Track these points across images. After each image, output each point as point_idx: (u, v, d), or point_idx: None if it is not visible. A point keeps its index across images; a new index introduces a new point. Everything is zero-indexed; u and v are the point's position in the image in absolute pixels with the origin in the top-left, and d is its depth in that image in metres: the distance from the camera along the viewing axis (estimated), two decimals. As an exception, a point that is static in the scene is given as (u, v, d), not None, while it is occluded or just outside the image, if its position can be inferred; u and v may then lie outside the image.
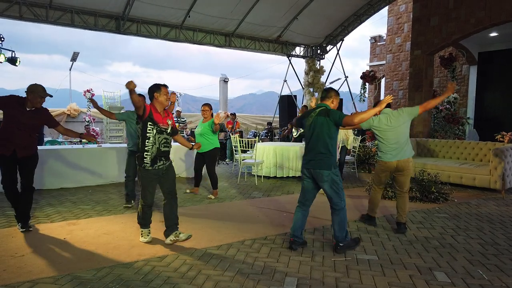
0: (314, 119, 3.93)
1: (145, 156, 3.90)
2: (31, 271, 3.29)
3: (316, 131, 3.89)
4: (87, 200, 6.15)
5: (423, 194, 6.39)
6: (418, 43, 11.00)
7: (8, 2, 8.93)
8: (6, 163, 4.29)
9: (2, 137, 4.23)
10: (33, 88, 4.32)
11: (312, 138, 3.92)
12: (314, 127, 3.91)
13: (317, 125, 3.89)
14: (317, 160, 3.85)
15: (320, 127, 3.86)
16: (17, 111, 4.24)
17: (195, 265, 3.50)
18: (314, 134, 3.90)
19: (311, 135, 3.94)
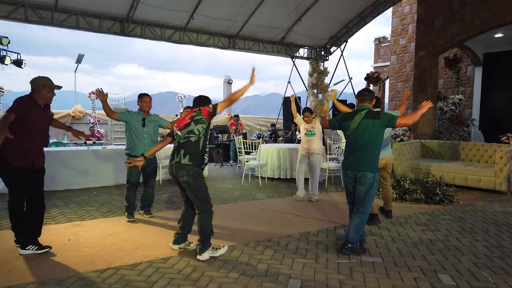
0: (361, 122, 3.93)
1: (205, 158, 3.81)
2: (36, 272, 3.30)
3: (365, 133, 3.91)
4: (91, 202, 6.18)
5: (428, 196, 6.35)
6: (422, 44, 10.97)
7: (14, 4, 9.00)
8: (24, 177, 3.73)
9: (20, 148, 3.65)
10: (44, 82, 3.80)
11: (360, 141, 3.94)
12: (361, 130, 3.93)
13: (366, 127, 3.91)
14: (364, 162, 3.91)
15: (370, 130, 3.90)
16: (35, 113, 3.76)
17: (199, 266, 3.50)
18: (362, 136, 3.92)
19: (358, 138, 3.94)
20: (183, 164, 3.66)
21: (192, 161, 3.66)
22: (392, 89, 16.71)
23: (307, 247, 4.11)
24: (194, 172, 3.67)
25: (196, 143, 3.72)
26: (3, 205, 5.79)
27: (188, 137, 3.73)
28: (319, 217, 5.38)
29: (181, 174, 3.67)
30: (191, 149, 3.70)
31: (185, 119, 3.87)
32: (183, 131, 3.79)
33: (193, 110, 3.91)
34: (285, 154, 8.40)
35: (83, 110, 16.06)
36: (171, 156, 3.83)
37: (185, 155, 3.68)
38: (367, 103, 4.13)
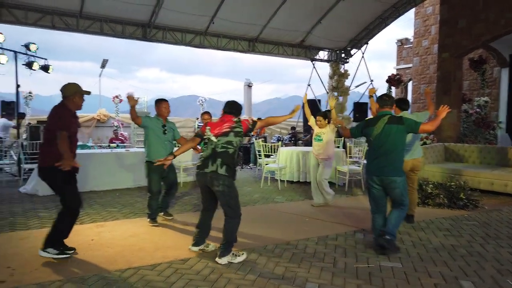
0: (384, 128, 3.95)
1: (236, 168, 3.84)
2: (61, 270, 3.42)
3: (388, 139, 3.93)
4: (114, 203, 6.33)
5: (451, 200, 6.21)
6: (445, 45, 10.76)
7: (41, 12, 9.35)
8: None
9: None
10: (76, 88, 3.83)
11: (384, 146, 3.95)
12: (385, 135, 3.95)
13: (390, 133, 3.94)
14: (390, 167, 3.93)
15: (394, 135, 3.93)
16: (72, 121, 3.82)
17: (217, 268, 3.54)
18: (386, 142, 3.94)
19: (382, 144, 3.96)
20: (220, 174, 3.65)
21: (228, 172, 3.67)
22: (415, 91, 16.43)
23: (325, 251, 4.09)
24: (229, 182, 3.69)
25: (232, 155, 3.75)
26: (30, 206, 6.02)
27: (226, 148, 3.71)
28: (338, 221, 5.35)
29: (216, 183, 3.66)
30: (228, 160, 3.69)
31: (221, 125, 3.80)
32: (220, 138, 3.75)
33: (231, 118, 3.86)
34: (304, 157, 8.38)
35: (107, 113, 16.48)
36: (203, 163, 3.76)
37: (222, 165, 3.66)
38: (387, 108, 4.15)
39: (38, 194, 6.88)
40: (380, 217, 4.14)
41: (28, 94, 15.39)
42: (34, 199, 6.60)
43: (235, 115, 3.92)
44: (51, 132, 3.67)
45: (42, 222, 5.10)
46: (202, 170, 3.74)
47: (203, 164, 3.76)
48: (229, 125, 3.79)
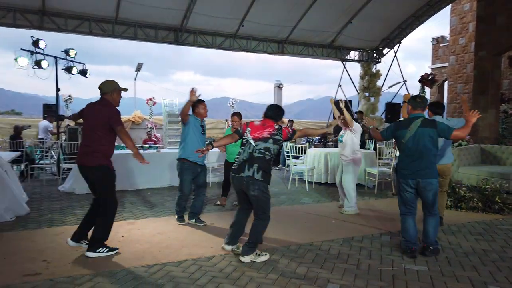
0: (417, 131, 3.94)
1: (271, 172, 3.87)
2: (92, 264, 3.60)
3: (422, 142, 3.93)
4: (145, 202, 6.54)
5: (486, 204, 5.98)
6: (483, 43, 10.36)
7: (80, 19, 9.82)
8: None
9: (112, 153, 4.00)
10: (115, 85, 3.92)
11: (418, 149, 3.94)
12: (418, 138, 3.94)
13: (423, 136, 3.93)
14: (427, 170, 3.93)
15: (427, 138, 3.93)
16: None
17: (240, 266, 3.61)
18: (420, 145, 3.93)
19: (416, 147, 3.95)
20: (256, 179, 3.68)
21: (264, 178, 3.71)
22: (451, 91, 15.86)
23: (349, 252, 4.07)
24: (264, 187, 3.73)
25: (269, 161, 3.77)
26: (67, 203, 6.33)
27: (263, 154, 3.73)
28: (365, 223, 5.29)
29: (252, 188, 3.69)
30: (264, 166, 3.72)
31: (262, 130, 3.80)
32: (258, 143, 3.76)
33: (273, 124, 3.85)
34: (333, 159, 8.31)
35: (142, 115, 17.01)
36: (239, 167, 3.77)
37: (258, 171, 3.68)
38: (420, 110, 4.11)
39: (75, 192, 7.23)
40: (411, 219, 4.09)
41: (68, 97, 16.18)
42: (71, 197, 6.94)
43: (275, 120, 3.90)
44: (100, 130, 3.77)
45: (78, 218, 5.34)
46: (238, 174, 3.76)
47: (239, 168, 3.77)
48: (270, 131, 3.79)
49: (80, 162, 3.89)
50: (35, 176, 9.22)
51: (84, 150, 3.87)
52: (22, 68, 8.85)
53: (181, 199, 5.10)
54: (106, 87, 3.87)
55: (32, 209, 5.86)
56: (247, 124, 3.96)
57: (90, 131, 3.82)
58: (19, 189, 5.90)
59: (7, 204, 5.20)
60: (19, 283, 3.20)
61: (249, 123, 3.97)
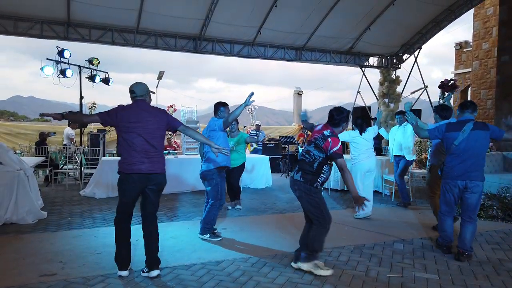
0: (470, 133, 4.01)
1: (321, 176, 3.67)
2: (105, 267, 3.72)
3: (475, 144, 4.03)
4: (161, 207, 6.60)
5: (506, 213, 5.83)
6: (506, 48, 10.11)
7: (103, 29, 10.18)
8: None
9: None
10: (147, 87, 3.69)
11: (469, 151, 4.03)
12: (471, 140, 4.03)
13: (477, 138, 4.03)
14: (476, 172, 4.05)
15: (480, 140, 4.04)
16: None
17: (248, 271, 3.65)
18: (473, 147, 4.03)
19: (468, 149, 4.03)
20: (295, 179, 3.70)
21: (303, 179, 3.64)
22: (475, 97, 15.50)
23: (359, 259, 4.05)
24: (305, 188, 3.63)
25: (310, 164, 3.65)
26: (87, 207, 6.54)
27: (304, 156, 3.72)
28: (378, 230, 5.23)
29: (293, 188, 3.74)
30: (304, 167, 3.68)
31: (314, 133, 3.78)
32: (305, 146, 3.79)
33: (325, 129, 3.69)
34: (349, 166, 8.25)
35: (163, 122, 17.35)
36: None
37: (298, 171, 3.70)
38: (471, 113, 4.21)
39: (95, 197, 7.45)
40: (450, 219, 4.29)
41: (92, 104, 16.71)
42: (92, 201, 7.16)
43: (332, 125, 3.75)
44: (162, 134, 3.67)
45: (95, 221, 5.54)
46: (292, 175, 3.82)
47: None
48: (316, 136, 3.69)
49: (149, 170, 3.54)
50: (59, 181, 9.55)
51: (150, 157, 3.54)
52: (48, 77, 9.22)
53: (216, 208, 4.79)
54: (141, 90, 3.61)
55: (54, 212, 6.09)
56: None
57: (150, 136, 3.52)
58: (36, 195, 6.12)
59: (29, 207, 5.43)
60: (35, 283, 3.34)
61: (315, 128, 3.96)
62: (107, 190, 7.62)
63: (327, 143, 3.54)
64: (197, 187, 8.10)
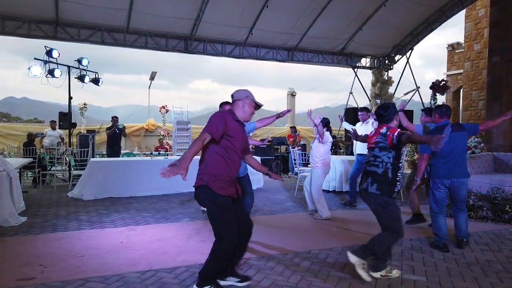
0: (450, 136, 4.18)
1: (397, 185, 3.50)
2: (86, 270, 3.62)
3: (455, 146, 4.34)
4: (150, 208, 6.59)
5: (496, 213, 5.80)
6: (497, 49, 10.12)
7: (92, 29, 10.07)
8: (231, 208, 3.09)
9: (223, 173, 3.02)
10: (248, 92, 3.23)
11: (453, 152, 4.34)
12: (453, 142, 4.30)
13: (456, 140, 4.33)
14: (460, 170, 4.37)
15: (460, 141, 4.38)
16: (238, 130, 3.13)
17: (233, 274, 3.57)
18: (453, 148, 4.32)
19: (451, 150, 4.32)
20: (370, 193, 3.47)
21: (380, 191, 3.43)
22: (467, 98, 15.54)
23: (347, 261, 3.97)
24: (382, 200, 3.45)
25: (385, 174, 3.44)
26: (74, 209, 6.42)
27: (374, 165, 3.48)
28: (368, 231, 5.15)
29: (368, 202, 3.55)
30: (379, 178, 3.44)
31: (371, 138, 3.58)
32: (369, 152, 3.59)
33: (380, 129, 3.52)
34: (341, 166, 8.23)
35: (155, 123, 17.25)
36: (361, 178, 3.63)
37: (372, 184, 3.46)
38: (446, 118, 4.49)
39: (83, 198, 7.34)
40: (442, 217, 4.45)
41: (83, 105, 16.54)
42: (79, 203, 7.05)
43: (385, 123, 3.58)
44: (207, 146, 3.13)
45: (81, 223, 5.43)
46: (360, 185, 3.62)
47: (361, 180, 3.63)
48: (375, 140, 3.53)
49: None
50: (47, 182, 9.41)
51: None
52: (36, 77, 9.09)
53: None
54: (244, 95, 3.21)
55: (39, 214, 5.98)
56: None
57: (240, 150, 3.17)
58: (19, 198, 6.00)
59: (12, 209, 5.31)
60: (12, 287, 3.24)
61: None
62: (95, 192, 7.52)
63: (389, 137, 3.39)
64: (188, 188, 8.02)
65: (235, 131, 3.04)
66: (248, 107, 3.17)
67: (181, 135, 11.82)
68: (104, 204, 6.90)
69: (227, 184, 3.03)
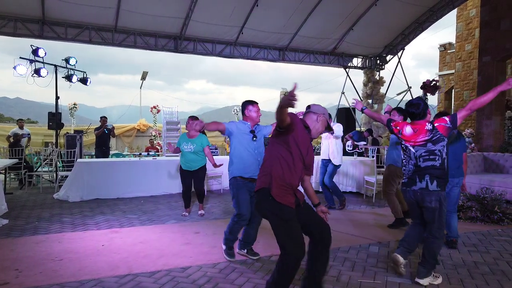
0: None
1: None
2: (62, 275, 3.51)
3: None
4: (136, 210, 6.47)
5: (485, 214, 5.76)
6: (487, 49, 10.15)
7: (79, 28, 9.91)
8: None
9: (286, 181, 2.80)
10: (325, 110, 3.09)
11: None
12: None
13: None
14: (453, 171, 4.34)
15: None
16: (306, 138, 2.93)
17: (214, 277, 3.48)
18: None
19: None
20: (431, 191, 3.38)
21: (440, 187, 3.39)
22: (458, 98, 15.59)
23: (332, 263, 3.91)
24: (442, 196, 3.40)
25: (441, 165, 3.39)
26: (58, 211, 6.29)
27: (430, 159, 3.40)
28: (356, 233, 5.11)
29: (428, 200, 3.39)
30: (437, 173, 3.38)
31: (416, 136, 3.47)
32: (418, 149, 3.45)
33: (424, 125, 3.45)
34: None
35: (147, 123, 17.11)
36: (409, 180, 3.51)
37: (432, 181, 3.38)
38: None
39: (68, 200, 7.21)
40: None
41: (73, 105, 16.37)
42: (64, 204, 6.91)
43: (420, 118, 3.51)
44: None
45: (63, 226, 5.31)
46: (408, 187, 3.51)
47: (409, 182, 3.51)
48: (425, 138, 3.42)
49: None
50: (34, 183, 9.25)
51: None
52: (21, 76, 8.93)
53: (237, 223, 3.94)
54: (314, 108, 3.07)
55: (21, 216, 5.85)
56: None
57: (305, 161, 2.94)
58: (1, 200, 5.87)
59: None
60: (-16, 293, 3.14)
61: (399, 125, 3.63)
62: (81, 193, 7.39)
63: (441, 128, 3.37)
64: (176, 189, 7.92)
65: (302, 138, 2.85)
66: (321, 125, 2.98)
67: (170, 136, 11.71)
68: (89, 206, 6.77)
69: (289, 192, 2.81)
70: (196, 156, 5.96)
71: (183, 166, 6.02)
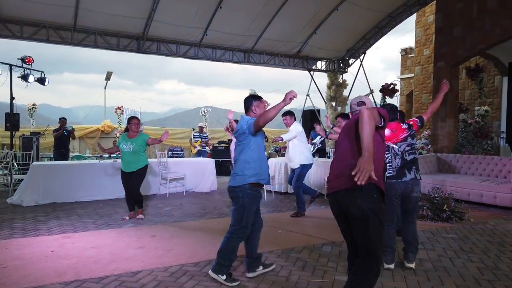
0: None
1: None
2: (5, 282, 3.40)
3: None
4: (93, 214, 6.33)
5: (435, 213, 6.02)
6: (441, 54, 10.58)
7: (36, 26, 9.56)
8: None
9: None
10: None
11: None
12: None
13: None
14: None
15: None
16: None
17: (164, 281, 3.47)
18: None
19: None
20: (417, 179, 3.87)
21: (419, 175, 3.92)
22: (417, 101, 16.16)
23: (284, 264, 3.98)
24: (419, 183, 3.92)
25: (416, 156, 3.97)
26: (10, 216, 6.04)
27: (413, 153, 3.90)
28: (312, 233, 5.22)
29: (416, 190, 3.85)
30: (416, 163, 3.92)
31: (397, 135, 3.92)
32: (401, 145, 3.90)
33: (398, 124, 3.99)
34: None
35: (112, 124, 16.70)
36: (398, 173, 3.83)
37: (417, 171, 3.89)
38: None
39: (22, 204, 6.96)
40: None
41: (32, 105, 15.75)
42: (17, 209, 6.67)
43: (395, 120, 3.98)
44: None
45: (13, 232, 5.12)
46: (400, 179, 3.81)
47: (398, 174, 3.83)
48: (403, 135, 3.94)
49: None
50: (-13, 188, 8.84)
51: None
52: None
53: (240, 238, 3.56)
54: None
55: (-32, 223, 5.59)
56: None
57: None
58: None
59: None
60: None
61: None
62: (36, 197, 7.15)
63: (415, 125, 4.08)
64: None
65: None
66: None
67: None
68: (44, 210, 6.56)
69: None
70: (135, 156, 5.84)
71: (122, 168, 5.94)
